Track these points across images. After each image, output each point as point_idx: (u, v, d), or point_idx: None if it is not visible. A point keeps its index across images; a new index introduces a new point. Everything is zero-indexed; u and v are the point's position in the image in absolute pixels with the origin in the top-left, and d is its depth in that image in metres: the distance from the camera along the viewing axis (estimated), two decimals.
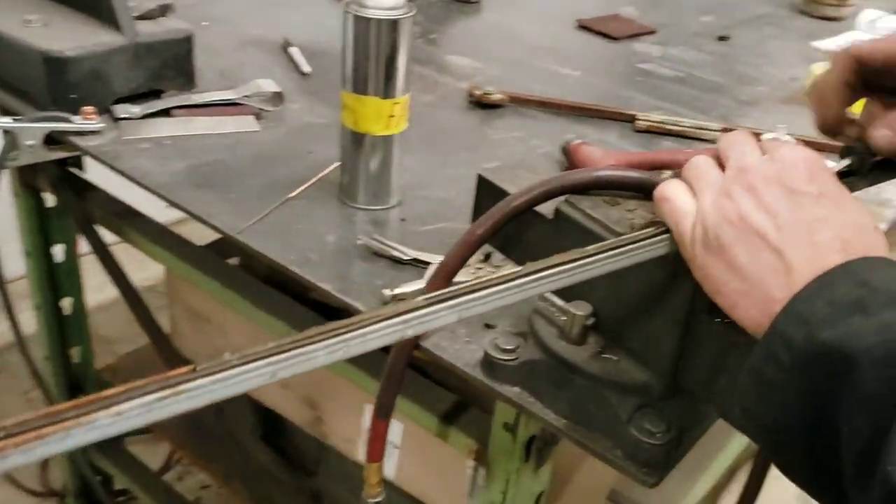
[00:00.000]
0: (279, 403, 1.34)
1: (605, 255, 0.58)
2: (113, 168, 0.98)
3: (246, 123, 1.12)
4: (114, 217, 1.23)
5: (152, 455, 1.73)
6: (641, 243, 0.60)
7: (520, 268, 0.54)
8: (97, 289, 1.59)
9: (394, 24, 0.87)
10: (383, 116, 0.91)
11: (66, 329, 1.51)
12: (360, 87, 0.90)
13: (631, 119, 1.22)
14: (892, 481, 0.41)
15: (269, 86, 1.17)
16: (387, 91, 0.90)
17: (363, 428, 1.23)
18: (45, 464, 1.82)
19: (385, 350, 0.55)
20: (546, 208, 0.71)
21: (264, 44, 1.39)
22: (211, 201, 0.94)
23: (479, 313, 0.50)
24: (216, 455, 1.45)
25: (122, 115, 1.07)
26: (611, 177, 0.69)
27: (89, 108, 1.03)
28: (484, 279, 0.50)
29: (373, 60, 0.88)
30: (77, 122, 1.02)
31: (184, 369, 0.35)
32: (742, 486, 1.15)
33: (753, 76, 1.50)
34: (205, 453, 1.47)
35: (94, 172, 1.24)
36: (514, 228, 0.71)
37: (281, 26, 1.45)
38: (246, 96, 1.16)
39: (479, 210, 0.81)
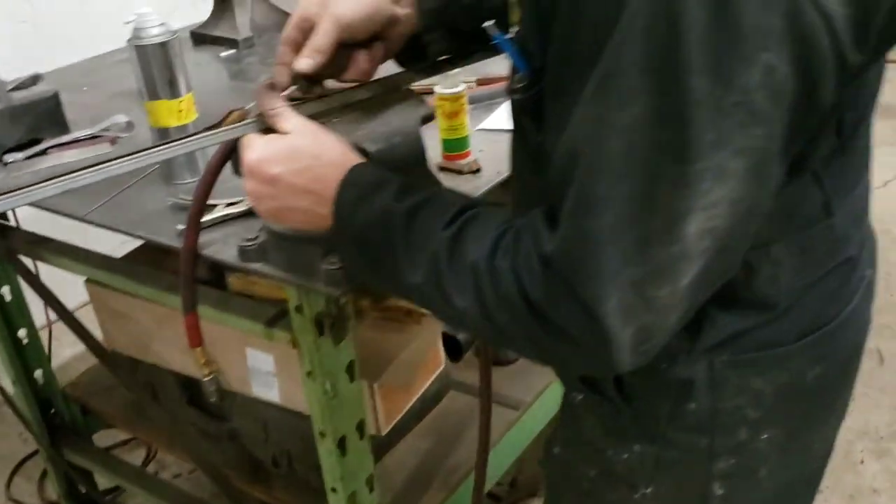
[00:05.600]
0: (188, 368, 1.66)
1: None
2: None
3: (102, 150, 1.47)
4: (34, 246, 1.57)
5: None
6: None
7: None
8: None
9: (164, 46, 1.22)
10: (174, 112, 1.25)
11: (26, 355, 1.84)
12: (153, 95, 1.24)
13: None
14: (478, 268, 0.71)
15: (122, 118, 1.52)
16: (173, 93, 1.25)
17: (248, 366, 1.55)
18: (41, 478, 2.15)
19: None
20: None
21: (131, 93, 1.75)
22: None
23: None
24: (161, 431, 1.78)
25: (9, 161, 1.42)
26: None
27: None
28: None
29: (156, 73, 1.23)
30: None
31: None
32: None
33: None
34: (153, 433, 1.81)
35: None
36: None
37: None
38: (104, 129, 1.51)
39: None
